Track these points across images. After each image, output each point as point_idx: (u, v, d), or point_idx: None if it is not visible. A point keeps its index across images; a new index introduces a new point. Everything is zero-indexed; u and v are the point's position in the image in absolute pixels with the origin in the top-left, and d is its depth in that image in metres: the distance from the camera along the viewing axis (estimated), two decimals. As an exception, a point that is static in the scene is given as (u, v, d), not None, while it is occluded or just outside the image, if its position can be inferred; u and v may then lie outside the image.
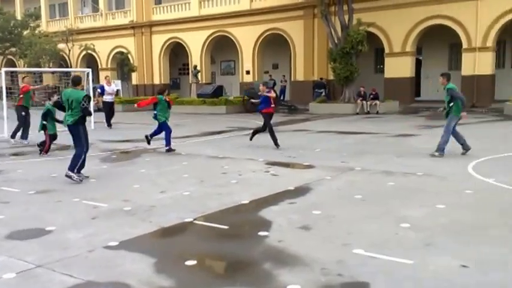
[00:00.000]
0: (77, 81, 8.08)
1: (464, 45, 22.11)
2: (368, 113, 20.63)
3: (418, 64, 25.69)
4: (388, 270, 4.04)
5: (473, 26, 21.56)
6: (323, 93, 24.64)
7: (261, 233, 5.07)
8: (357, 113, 20.70)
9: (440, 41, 24.27)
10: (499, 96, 21.63)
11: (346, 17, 21.40)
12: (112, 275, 4.09)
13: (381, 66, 25.70)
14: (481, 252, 4.39)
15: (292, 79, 28.39)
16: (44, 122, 10.74)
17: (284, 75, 29.24)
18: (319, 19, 23.72)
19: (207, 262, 4.50)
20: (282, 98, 26.64)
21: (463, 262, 4.14)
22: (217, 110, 22.50)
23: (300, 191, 6.95)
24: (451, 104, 9.61)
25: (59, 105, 8.63)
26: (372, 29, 22.88)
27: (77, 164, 7.81)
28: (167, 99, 11.21)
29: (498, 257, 4.28)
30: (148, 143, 11.34)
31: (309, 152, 10.62)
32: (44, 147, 10.75)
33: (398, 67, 23.48)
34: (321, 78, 25.76)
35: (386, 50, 24.27)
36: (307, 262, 4.24)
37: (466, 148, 9.72)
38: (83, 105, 7.72)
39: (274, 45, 28.93)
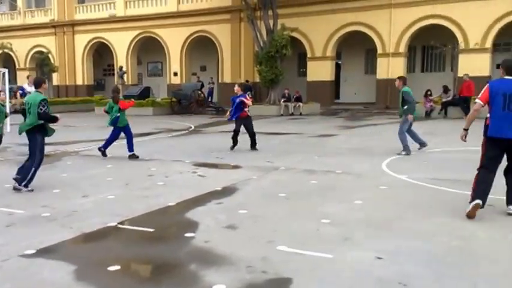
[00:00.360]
0: (37, 83, 7.40)
1: (379, 51, 23.45)
2: (292, 114, 21.23)
3: (338, 68, 26.86)
4: (310, 265, 4.23)
5: (387, 33, 22.94)
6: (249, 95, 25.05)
7: (188, 234, 5.10)
8: (282, 115, 21.27)
9: (357, 47, 25.57)
10: (411, 98, 23.13)
11: (271, 22, 21.99)
12: (28, 285, 3.93)
13: (304, 70, 26.59)
14: (394, 244, 4.71)
15: (219, 81, 28.53)
16: None
17: (212, 77, 29.32)
18: (246, 23, 24.11)
19: (131, 266, 4.44)
20: (209, 99, 26.68)
21: (378, 254, 4.43)
22: (144, 111, 22.08)
23: (227, 191, 7.05)
24: (405, 106, 10.12)
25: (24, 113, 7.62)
26: (295, 34, 23.68)
27: (27, 177, 7.13)
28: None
29: (410, 248, 4.62)
30: (104, 155, 10.23)
31: (236, 152, 10.78)
32: None
33: (320, 71, 24.43)
34: (247, 81, 26.12)
35: (309, 55, 25.17)
36: (233, 261, 4.33)
37: (423, 145, 10.33)
38: (41, 109, 7.04)
39: (202, 47, 28.93)
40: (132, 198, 6.74)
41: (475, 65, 20.44)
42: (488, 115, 5.63)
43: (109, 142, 10.31)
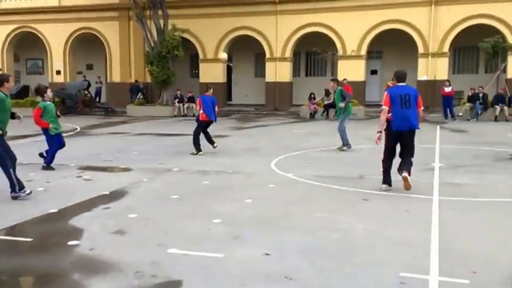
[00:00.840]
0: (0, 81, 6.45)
1: (267, 55, 24.25)
2: (185, 115, 21.07)
3: (230, 70, 27.24)
4: (201, 266, 4.25)
5: (274, 38, 23.80)
6: (140, 96, 24.43)
7: (71, 243, 4.83)
8: (175, 116, 21.02)
9: (247, 50, 26.15)
10: (296, 101, 24.26)
11: (162, 22, 21.66)
12: None
13: (196, 71, 26.50)
14: (281, 240, 4.91)
15: (108, 80, 27.28)
16: None
17: (99, 77, 27.82)
18: (135, 22, 23.39)
19: (7, 280, 4.10)
20: (97, 99, 25.42)
21: (266, 251, 4.58)
22: (22, 112, 20.27)
23: (116, 195, 6.81)
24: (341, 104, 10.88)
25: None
26: (187, 36, 23.57)
27: (13, 182, 6.42)
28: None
29: (295, 243, 4.85)
30: (50, 168, 8.77)
31: (126, 154, 10.45)
32: None
33: (212, 73, 24.54)
34: (136, 81, 25.41)
35: (201, 56, 25.19)
36: (121, 267, 4.20)
37: (346, 145, 10.85)
38: None
39: (87, 45, 27.40)
40: (7, 206, 6.21)
41: (352, 70, 22.07)
42: (389, 114, 6.96)
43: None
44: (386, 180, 7.12)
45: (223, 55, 11.60)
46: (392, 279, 3.93)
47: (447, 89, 18.48)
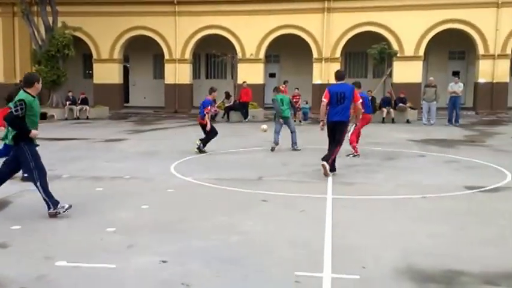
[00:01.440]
0: (29, 81, 5.62)
1: (166, 56, 23.75)
2: (78, 118, 19.95)
3: (126, 71, 26.28)
4: (92, 278, 4.02)
5: (173, 39, 23.40)
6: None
7: None
8: (66, 119, 19.81)
9: (145, 51, 25.43)
10: (197, 103, 23.93)
11: (51, 19, 20.41)
12: None
13: (90, 72, 25.20)
14: (178, 246, 4.79)
15: None
16: None
17: None
18: (20, 18, 21.64)
19: None
20: None
21: (162, 257, 4.45)
22: None
23: (-7, 207, 6.17)
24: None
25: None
26: (79, 34, 22.34)
27: (47, 196, 5.67)
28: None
29: (192, 248, 4.76)
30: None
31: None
32: None
33: (107, 73, 23.50)
34: (20, 81, 23.42)
35: (95, 56, 23.99)
36: (3, 284, 3.85)
37: (276, 143, 11.38)
38: (12, 113, 5.38)
39: None
40: None
41: (251, 73, 22.42)
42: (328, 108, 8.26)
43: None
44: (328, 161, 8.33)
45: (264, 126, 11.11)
46: (288, 279, 4.01)
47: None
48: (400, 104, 18.47)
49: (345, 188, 7.49)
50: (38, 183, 5.73)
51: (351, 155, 10.29)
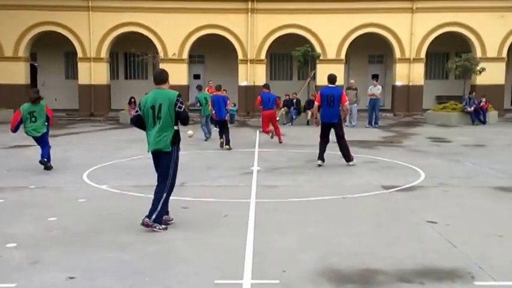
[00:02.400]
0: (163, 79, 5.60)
1: (80, 55, 22.37)
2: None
3: (34, 70, 24.50)
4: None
5: (87, 36, 22.10)
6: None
7: None
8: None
9: (56, 49, 23.85)
10: (115, 105, 22.98)
11: None
12: None
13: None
14: (89, 260, 4.41)
15: None
16: None
17: None
18: None
19: None
20: None
21: (70, 274, 4.07)
22: None
23: None
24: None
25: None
26: (-23, 29, 20.35)
27: (163, 208, 5.34)
28: None
29: (104, 261, 4.39)
30: (49, 168, 8.92)
31: None
32: None
33: (12, 73, 21.68)
34: None
35: (-4, 54, 22.03)
36: None
37: (209, 134, 13.16)
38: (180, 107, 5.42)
39: None
40: None
41: (174, 73, 21.36)
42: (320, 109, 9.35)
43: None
44: (321, 157, 9.40)
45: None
46: (207, 287, 3.86)
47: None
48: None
49: (268, 191, 7.42)
50: (166, 193, 5.45)
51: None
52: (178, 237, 5.10)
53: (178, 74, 22.02)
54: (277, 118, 19.29)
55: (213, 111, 12.55)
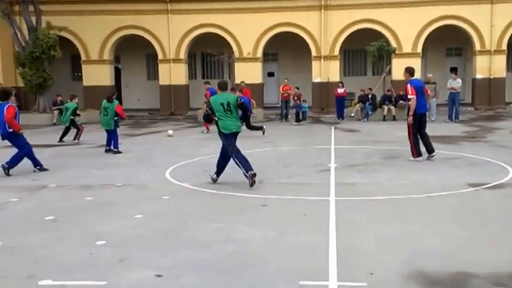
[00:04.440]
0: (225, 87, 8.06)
1: (160, 57, 23.28)
2: (66, 122, 19.40)
3: (118, 73, 25.80)
4: (79, 298, 3.69)
5: (166, 38, 22.94)
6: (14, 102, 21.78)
7: None
8: (55, 124, 19.20)
9: (138, 51, 24.96)
10: (193, 104, 23.43)
11: (34, 19, 19.71)
12: None
13: (79, 74, 24.68)
14: (175, 258, 4.48)
15: None
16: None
17: None
18: (1, 18, 20.77)
19: None
20: None
21: (157, 271, 4.13)
22: None
23: (-26, 221, 5.77)
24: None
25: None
26: (66, 34, 21.65)
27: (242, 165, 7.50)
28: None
29: (188, 259, 4.44)
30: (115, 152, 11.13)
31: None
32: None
33: (97, 75, 22.97)
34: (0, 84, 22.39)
35: (83, 57, 23.40)
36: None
37: None
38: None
39: None
40: None
41: (249, 72, 22.01)
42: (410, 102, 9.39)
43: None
44: (420, 151, 9.38)
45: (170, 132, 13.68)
46: None
47: (340, 90, 19.27)
48: (401, 101, 18.20)
49: (347, 189, 7.24)
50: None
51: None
52: (259, 236, 5.07)
53: (253, 73, 22.28)
54: (352, 114, 19.09)
55: None
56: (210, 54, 22.15)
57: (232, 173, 8.56)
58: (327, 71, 22.49)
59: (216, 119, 7.55)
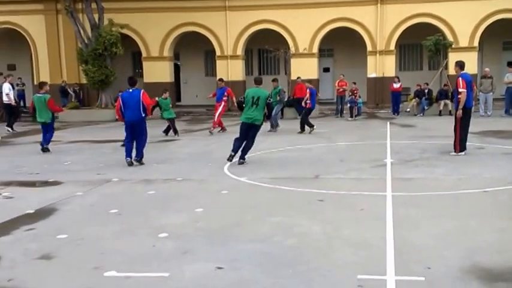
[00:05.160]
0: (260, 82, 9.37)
1: (218, 53, 23.58)
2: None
3: (177, 69, 26.43)
4: None
5: (224, 35, 23.21)
6: (73, 98, 22.65)
7: (-15, 274, 4.20)
8: (117, 120, 19.92)
9: (196, 48, 25.42)
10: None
11: (96, 16, 20.29)
12: None
13: (140, 70, 25.44)
14: (234, 251, 4.59)
15: (34, 82, 24.35)
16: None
17: (20, 78, 24.76)
18: (64, 16, 21.58)
19: None
20: (22, 104, 22.37)
21: (218, 264, 4.25)
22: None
23: (42, 214, 6.08)
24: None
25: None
26: (127, 32, 22.24)
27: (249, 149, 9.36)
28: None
29: (248, 252, 4.54)
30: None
31: (57, 166, 9.46)
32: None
33: (158, 72, 23.57)
34: (63, 81, 23.25)
35: (144, 54, 24.04)
36: (49, 298, 3.72)
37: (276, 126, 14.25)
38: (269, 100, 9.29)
39: (8, 42, 24.95)
40: None
41: (305, 68, 21.88)
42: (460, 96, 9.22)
43: None
44: (463, 147, 9.30)
45: None
46: (351, 283, 3.81)
47: (396, 85, 18.94)
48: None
49: (404, 184, 7.17)
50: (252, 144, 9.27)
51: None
52: (317, 230, 5.10)
53: (309, 68, 22.16)
54: (408, 109, 18.66)
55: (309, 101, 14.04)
56: (266, 50, 22.24)
57: (289, 168, 8.65)
58: (382, 66, 22.07)
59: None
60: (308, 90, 14.27)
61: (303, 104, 14.35)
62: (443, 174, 7.78)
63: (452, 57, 19.99)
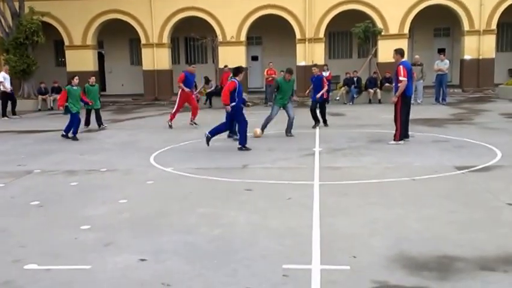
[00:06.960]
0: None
1: (143, 41, 22.95)
2: (52, 109, 19.24)
3: (102, 58, 25.44)
4: (65, 281, 3.73)
5: (149, 23, 22.62)
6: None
7: None
8: (39, 110, 19.03)
9: (121, 36, 24.59)
10: (177, 89, 23.17)
11: (17, 4, 19.60)
12: None
13: (63, 59, 24.32)
14: (158, 242, 4.51)
15: None
16: None
17: None
18: None
19: None
20: None
21: (141, 256, 4.17)
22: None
23: (-42, 207, 5.75)
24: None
25: None
26: (48, 20, 21.43)
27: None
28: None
29: (173, 244, 4.47)
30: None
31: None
32: None
33: (81, 60, 22.64)
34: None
35: (66, 43, 23.06)
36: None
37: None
38: None
39: None
40: None
41: (233, 56, 21.77)
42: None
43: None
44: (402, 135, 9.43)
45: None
46: (275, 273, 3.81)
47: (325, 74, 19.11)
48: (387, 84, 18.14)
49: (332, 173, 7.27)
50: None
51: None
52: (243, 221, 5.11)
53: (237, 57, 22.05)
54: (337, 97, 19.03)
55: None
56: (193, 38, 21.93)
57: (217, 158, 8.61)
58: (311, 54, 22.32)
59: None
60: (325, 80, 12.87)
61: (318, 96, 12.46)
62: (372, 163, 7.80)
63: (382, 45, 20.71)
